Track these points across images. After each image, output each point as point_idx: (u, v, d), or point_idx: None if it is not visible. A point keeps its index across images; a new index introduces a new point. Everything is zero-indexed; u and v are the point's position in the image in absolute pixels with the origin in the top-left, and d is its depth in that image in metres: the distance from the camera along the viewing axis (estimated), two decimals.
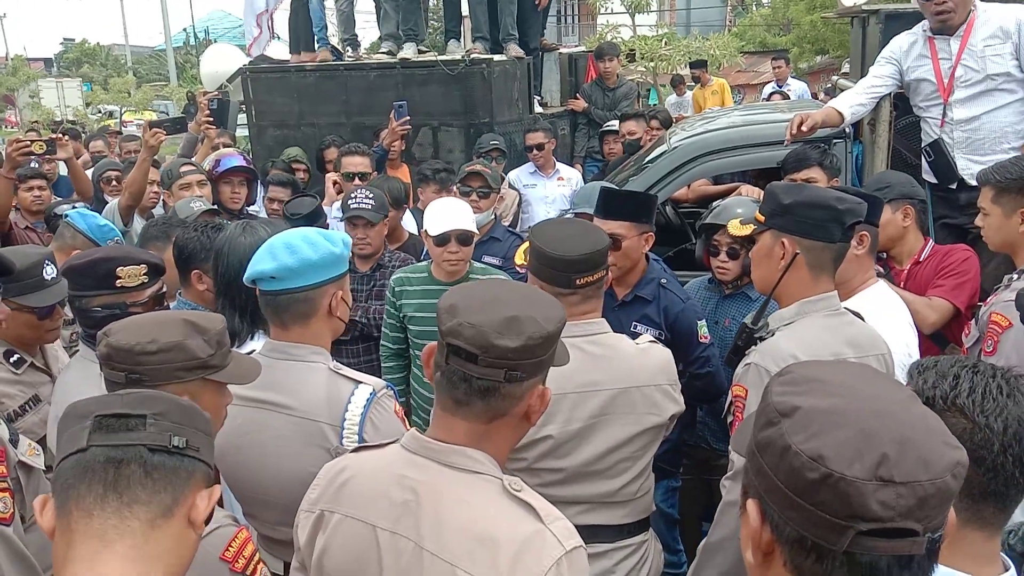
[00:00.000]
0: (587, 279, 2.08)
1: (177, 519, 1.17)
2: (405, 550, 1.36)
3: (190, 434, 1.21)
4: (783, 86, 10.43)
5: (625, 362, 2.10)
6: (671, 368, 2.19)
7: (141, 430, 1.17)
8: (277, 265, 1.86)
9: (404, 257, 3.77)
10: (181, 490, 1.18)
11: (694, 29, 24.93)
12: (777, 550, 0.94)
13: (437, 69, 6.20)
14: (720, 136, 4.01)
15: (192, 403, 1.27)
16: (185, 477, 1.19)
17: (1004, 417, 1.21)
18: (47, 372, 2.60)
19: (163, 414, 1.20)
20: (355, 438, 1.82)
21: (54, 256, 2.50)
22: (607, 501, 2.12)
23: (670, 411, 2.14)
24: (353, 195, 3.58)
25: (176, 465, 1.18)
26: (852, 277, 2.50)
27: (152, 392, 1.28)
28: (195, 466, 1.20)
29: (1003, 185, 2.64)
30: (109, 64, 43.45)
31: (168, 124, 4.52)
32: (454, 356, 1.36)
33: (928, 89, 3.53)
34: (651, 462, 2.20)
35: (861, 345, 2.05)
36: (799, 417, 0.91)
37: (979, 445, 1.20)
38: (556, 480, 2.07)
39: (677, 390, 2.18)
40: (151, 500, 1.15)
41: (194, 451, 1.20)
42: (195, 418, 1.24)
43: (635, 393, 2.09)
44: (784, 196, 2.06)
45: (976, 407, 1.22)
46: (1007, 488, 1.22)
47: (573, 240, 2.13)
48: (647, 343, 2.24)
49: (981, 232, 2.78)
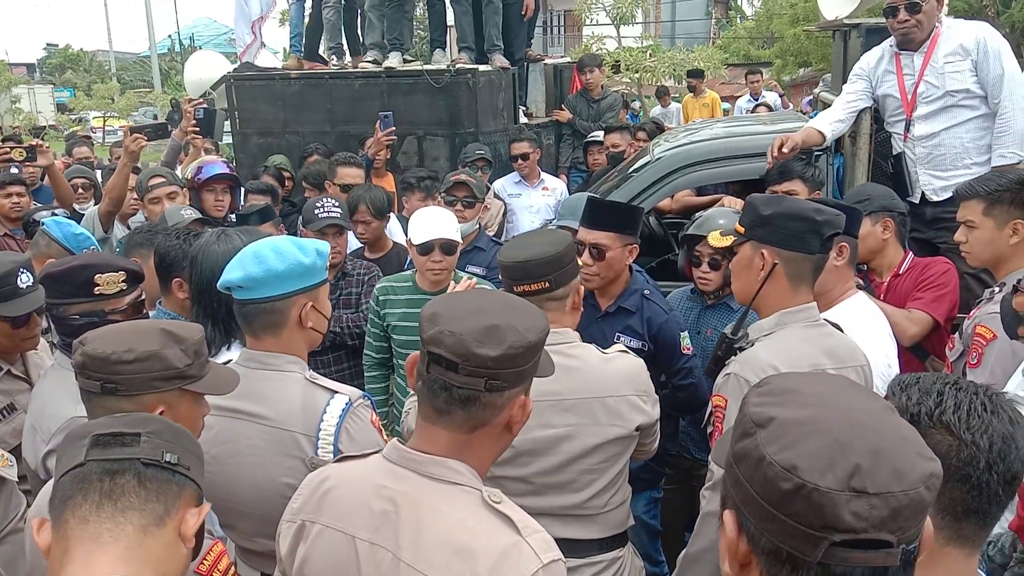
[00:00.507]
0: (524, 288, 2.05)
1: (168, 530, 1.22)
2: (384, 561, 1.35)
3: (181, 452, 1.27)
4: (759, 99, 10.60)
5: (588, 372, 2.09)
6: (640, 378, 2.16)
7: (136, 445, 1.24)
8: (243, 275, 1.84)
9: (368, 265, 3.77)
10: (172, 502, 1.23)
11: (679, 41, 25.11)
12: (754, 561, 0.93)
13: (422, 78, 6.21)
14: (703, 148, 4.03)
15: (184, 428, 1.34)
16: (176, 491, 1.24)
17: (990, 434, 1.21)
18: (26, 380, 2.56)
19: (157, 433, 1.26)
20: (330, 448, 1.80)
21: (31, 264, 2.46)
22: (574, 514, 2.10)
23: (635, 422, 2.11)
24: (319, 204, 3.57)
25: (168, 479, 1.24)
26: (832, 288, 2.52)
27: (148, 415, 1.37)
28: (186, 483, 1.26)
29: (995, 197, 2.62)
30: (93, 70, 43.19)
31: (150, 129, 4.48)
32: (435, 364, 1.35)
33: (893, 105, 3.57)
34: (623, 474, 2.18)
35: (840, 356, 2.06)
36: (774, 428, 0.91)
37: (965, 462, 1.20)
38: (520, 491, 2.03)
39: (647, 400, 2.15)
40: (144, 508, 1.21)
41: (185, 468, 1.26)
42: (186, 440, 1.31)
43: (596, 404, 2.07)
44: (763, 208, 2.08)
45: (962, 424, 1.22)
46: (989, 506, 1.22)
47: (515, 249, 2.14)
48: (616, 352, 2.21)
49: (962, 246, 2.76)
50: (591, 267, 2.78)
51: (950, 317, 2.93)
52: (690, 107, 11.39)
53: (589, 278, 2.83)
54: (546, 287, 2.08)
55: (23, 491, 2.23)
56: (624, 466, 2.18)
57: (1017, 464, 1.21)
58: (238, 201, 4.32)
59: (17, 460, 2.17)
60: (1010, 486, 1.22)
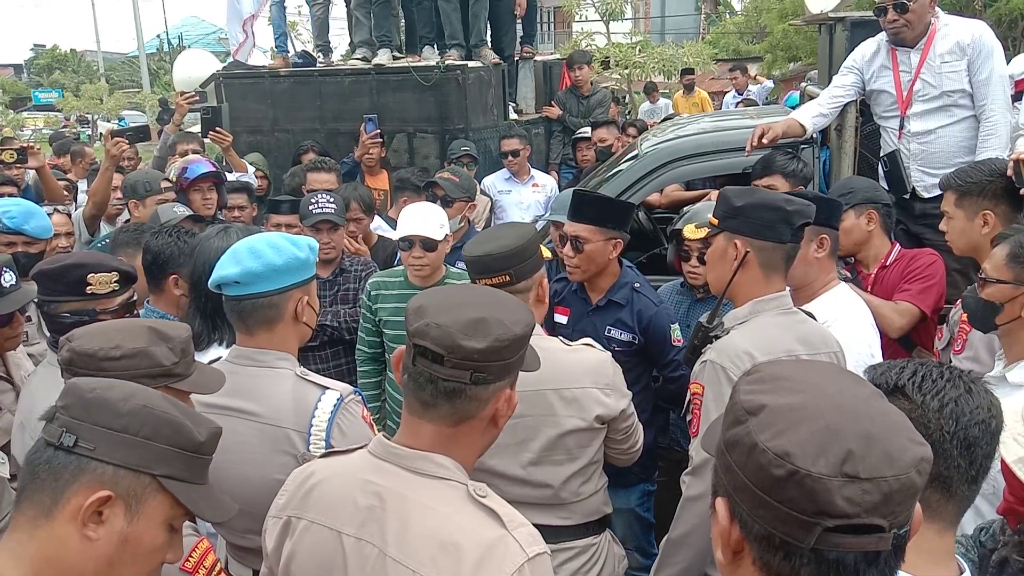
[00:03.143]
0: (486, 282, 2.08)
1: (59, 521, 1.14)
2: (370, 556, 1.35)
3: (85, 431, 1.17)
4: (743, 94, 10.65)
5: (546, 363, 2.09)
6: (603, 370, 2.19)
7: (52, 423, 1.18)
8: (241, 270, 1.84)
9: (366, 261, 3.76)
10: (62, 490, 1.14)
11: (668, 37, 25.13)
12: (746, 548, 0.94)
13: (411, 75, 6.20)
14: (690, 142, 4.03)
15: (105, 396, 1.21)
16: (69, 477, 1.15)
17: (941, 397, 1.25)
18: (8, 380, 2.56)
19: (66, 408, 1.18)
20: (322, 444, 1.80)
21: (12, 263, 2.45)
22: (546, 503, 2.13)
23: (594, 412, 2.13)
24: (314, 199, 3.56)
25: (62, 463, 1.15)
26: (814, 280, 2.54)
27: (78, 381, 1.25)
28: (86, 465, 1.15)
29: (964, 189, 2.71)
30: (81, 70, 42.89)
31: (131, 133, 4.45)
32: (421, 357, 1.36)
33: (887, 101, 3.56)
34: (594, 464, 2.20)
35: (813, 343, 2.09)
36: (765, 415, 0.92)
37: (917, 422, 1.22)
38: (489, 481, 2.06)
39: (611, 393, 2.17)
40: (33, 497, 1.16)
41: (86, 449, 1.16)
42: (97, 413, 1.19)
43: (552, 396, 2.10)
44: (736, 199, 2.13)
45: (915, 388, 1.27)
46: (949, 471, 1.24)
47: (479, 244, 2.17)
48: (580, 345, 2.24)
49: (945, 237, 2.81)
50: (572, 259, 2.81)
51: (937, 308, 2.95)
52: (680, 105, 11.48)
53: (572, 270, 2.86)
54: (507, 280, 2.10)
55: (15, 490, 2.22)
56: (593, 457, 2.20)
57: (974, 429, 1.24)
58: (224, 198, 4.30)
59: (8, 458, 2.16)
60: (969, 452, 1.24)
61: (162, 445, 1.21)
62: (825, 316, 2.32)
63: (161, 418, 1.22)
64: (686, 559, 2.10)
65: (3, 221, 3.21)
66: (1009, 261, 2.18)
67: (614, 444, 2.25)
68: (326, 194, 3.62)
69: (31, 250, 3.21)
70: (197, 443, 1.25)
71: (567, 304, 3.02)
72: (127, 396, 1.22)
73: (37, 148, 4.74)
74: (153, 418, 1.22)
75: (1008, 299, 2.17)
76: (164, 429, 1.22)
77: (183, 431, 1.24)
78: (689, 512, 2.09)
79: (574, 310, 2.99)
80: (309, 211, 3.52)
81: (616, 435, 2.23)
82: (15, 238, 3.21)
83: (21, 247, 3.18)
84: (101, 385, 1.23)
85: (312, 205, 3.52)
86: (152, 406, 1.23)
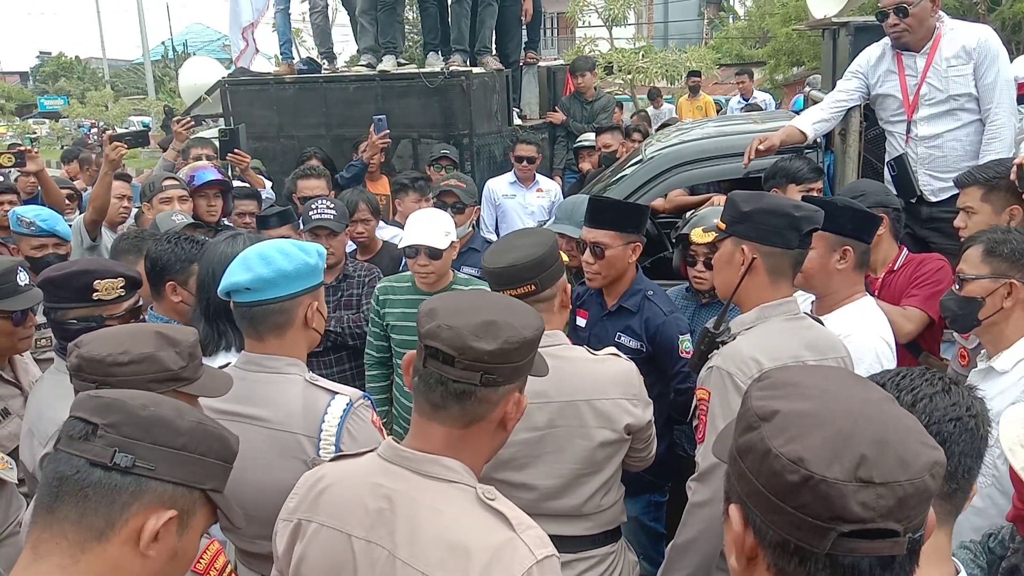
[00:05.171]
0: (511, 292, 2.05)
1: (116, 543, 1.10)
2: (379, 559, 1.36)
3: (143, 451, 1.12)
4: (749, 99, 10.60)
5: (575, 374, 2.09)
6: (630, 380, 2.16)
7: (90, 441, 1.11)
8: (252, 276, 1.84)
9: (369, 267, 3.76)
10: (120, 513, 1.10)
11: (671, 42, 25.15)
12: (760, 554, 0.94)
13: (416, 81, 6.21)
14: (695, 147, 4.04)
15: (161, 415, 1.17)
16: (127, 499, 1.10)
17: (914, 393, 1.30)
18: (16, 384, 2.57)
19: (114, 425, 1.13)
20: (332, 449, 1.80)
21: (27, 264, 2.54)
22: (569, 515, 2.11)
23: (624, 423, 2.10)
24: (314, 205, 3.56)
25: (117, 484, 1.10)
26: (836, 291, 2.49)
27: (118, 396, 1.18)
28: (146, 484, 1.12)
29: (993, 183, 2.71)
30: (86, 78, 43.09)
31: (129, 137, 4.46)
32: (431, 359, 1.37)
33: (894, 105, 3.56)
34: (615, 475, 2.19)
35: (820, 348, 2.08)
36: (778, 421, 0.91)
37: None
38: (517, 496, 2.02)
39: (637, 404, 2.14)
40: (81, 520, 1.09)
41: (146, 469, 1.12)
42: (156, 431, 1.15)
43: (583, 406, 2.08)
44: (744, 204, 2.12)
45: (893, 386, 1.32)
46: None
47: (499, 253, 2.15)
48: (606, 355, 2.21)
49: (961, 232, 2.80)
50: (592, 265, 2.80)
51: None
52: (684, 109, 11.44)
53: (592, 277, 2.84)
54: (532, 290, 2.09)
55: (22, 494, 2.23)
56: (617, 469, 2.18)
57: (948, 425, 1.27)
58: (230, 205, 4.31)
59: (16, 463, 2.17)
60: (943, 447, 1.23)
61: (214, 460, 1.21)
62: (841, 329, 2.29)
63: (212, 433, 1.22)
64: (692, 564, 2.09)
65: (37, 224, 3.45)
66: (985, 256, 2.29)
67: (633, 452, 2.23)
68: (326, 200, 3.62)
69: (60, 251, 3.48)
70: (234, 454, 1.26)
71: (586, 307, 3.02)
72: (180, 413, 1.20)
73: (35, 152, 4.75)
74: (207, 434, 1.21)
75: (989, 293, 2.25)
76: (215, 444, 1.21)
77: (228, 444, 1.24)
78: (695, 518, 2.08)
79: (592, 313, 2.99)
80: (309, 216, 3.52)
81: (639, 444, 2.21)
82: (47, 240, 3.46)
83: (52, 248, 3.44)
84: (152, 401, 1.20)
85: (312, 211, 3.53)
86: (203, 421, 1.22)
